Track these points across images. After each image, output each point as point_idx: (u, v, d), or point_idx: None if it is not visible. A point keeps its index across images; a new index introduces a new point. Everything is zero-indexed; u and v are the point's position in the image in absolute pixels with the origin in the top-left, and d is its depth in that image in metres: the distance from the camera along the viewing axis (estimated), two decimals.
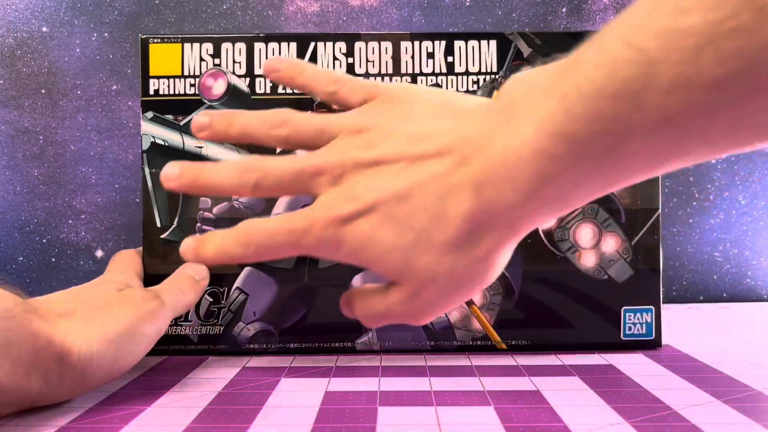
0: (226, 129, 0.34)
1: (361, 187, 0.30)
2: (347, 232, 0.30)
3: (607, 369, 0.40)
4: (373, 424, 0.30)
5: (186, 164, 0.33)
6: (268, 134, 0.33)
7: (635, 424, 0.30)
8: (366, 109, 0.33)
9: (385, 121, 0.31)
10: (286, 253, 0.32)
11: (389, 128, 0.31)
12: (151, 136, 0.45)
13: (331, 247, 0.30)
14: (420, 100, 0.32)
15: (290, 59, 0.37)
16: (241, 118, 0.34)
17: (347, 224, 0.30)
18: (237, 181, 0.32)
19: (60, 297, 0.38)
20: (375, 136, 0.31)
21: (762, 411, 0.32)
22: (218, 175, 0.32)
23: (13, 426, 0.30)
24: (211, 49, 0.45)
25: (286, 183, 0.32)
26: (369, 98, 0.33)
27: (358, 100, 0.34)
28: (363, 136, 0.31)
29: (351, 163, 0.30)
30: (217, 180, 0.32)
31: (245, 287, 0.45)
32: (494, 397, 0.34)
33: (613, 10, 0.66)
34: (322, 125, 0.32)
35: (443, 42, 0.45)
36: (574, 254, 0.44)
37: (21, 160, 0.66)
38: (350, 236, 0.30)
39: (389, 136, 0.30)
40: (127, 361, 0.34)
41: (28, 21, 0.66)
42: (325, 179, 0.31)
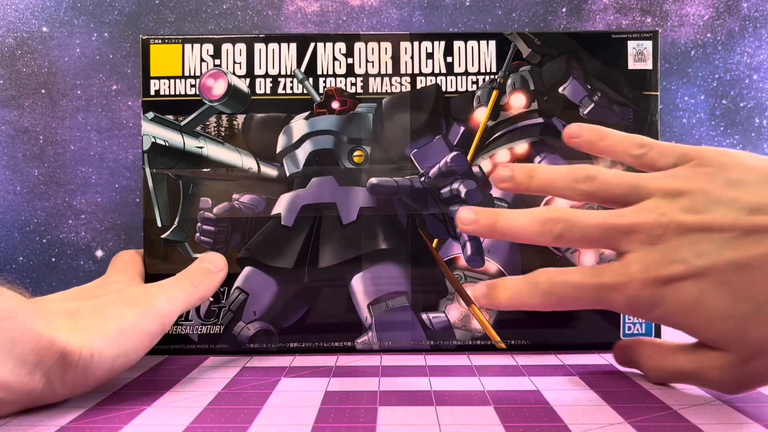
0: (528, 181, 0.34)
1: (688, 250, 0.29)
2: (668, 293, 0.29)
3: (607, 369, 0.40)
4: (373, 424, 0.30)
5: (482, 211, 0.34)
6: (572, 188, 0.33)
7: (635, 424, 0.30)
8: (683, 171, 0.32)
9: (708, 186, 0.31)
10: (586, 306, 0.32)
11: (715, 194, 0.30)
12: (152, 137, 0.45)
13: (648, 306, 0.30)
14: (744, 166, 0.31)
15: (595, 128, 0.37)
16: (542, 172, 0.34)
17: (668, 286, 0.29)
18: (539, 230, 0.32)
19: (63, 296, 0.38)
20: (699, 200, 0.30)
21: (762, 411, 0.32)
22: (519, 222, 0.33)
23: (13, 426, 0.30)
24: (211, 49, 0.45)
25: (593, 237, 0.31)
26: (680, 162, 0.33)
27: (668, 163, 0.33)
28: (685, 200, 0.30)
29: (674, 226, 0.30)
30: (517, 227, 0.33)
31: (246, 287, 0.45)
32: (494, 397, 0.34)
33: (612, 10, 0.66)
34: (635, 183, 0.32)
35: (443, 42, 0.45)
36: (573, 254, 0.44)
37: (21, 160, 0.66)
38: (672, 298, 0.29)
39: (715, 203, 0.30)
40: (129, 358, 0.34)
41: (28, 21, 0.66)
42: (638, 238, 0.30)
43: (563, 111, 0.45)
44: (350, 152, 0.45)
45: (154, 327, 0.36)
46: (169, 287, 0.38)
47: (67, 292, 0.39)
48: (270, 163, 0.45)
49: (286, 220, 0.45)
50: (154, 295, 0.36)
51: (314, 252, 0.44)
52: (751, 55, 0.66)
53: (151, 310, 0.35)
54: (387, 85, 0.45)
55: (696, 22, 0.66)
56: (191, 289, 0.39)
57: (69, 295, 0.38)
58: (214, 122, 0.45)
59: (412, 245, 0.44)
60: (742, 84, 0.66)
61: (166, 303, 0.36)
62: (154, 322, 0.35)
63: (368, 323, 0.44)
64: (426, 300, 0.45)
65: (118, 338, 0.33)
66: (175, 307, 0.37)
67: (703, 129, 0.66)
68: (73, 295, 0.38)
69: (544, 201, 0.44)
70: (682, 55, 0.66)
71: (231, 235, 0.45)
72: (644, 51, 0.45)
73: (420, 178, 0.45)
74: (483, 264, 0.44)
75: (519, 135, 0.45)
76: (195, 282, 0.39)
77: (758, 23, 0.66)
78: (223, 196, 0.45)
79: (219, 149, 0.45)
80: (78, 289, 0.39)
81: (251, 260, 0.45)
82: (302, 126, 0.45)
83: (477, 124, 0.45)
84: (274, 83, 0.45)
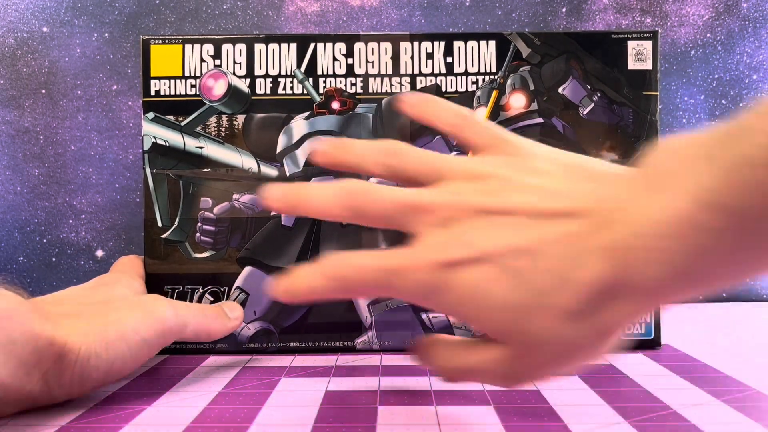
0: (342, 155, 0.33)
1: (477, 234, 0.28)
2: (452, 278, 0.27)
3: (607, 369, 0.40)
4: (373, 423, 0.30)
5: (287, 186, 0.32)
6: (380, 163, 0.32)
7: (635, 424, 0.30)
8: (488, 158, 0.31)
9: (509, 172, 0.29)
10: (376, 293, 0.29)
11: (513, 180, 0.29)
12: (152, 137, 0.45)
13: (431, 293, 0.28)
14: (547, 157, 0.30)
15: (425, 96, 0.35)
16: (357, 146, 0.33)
17: (453, 270, 0.27)
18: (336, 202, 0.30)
19: (66, 296, 0.38)
20: (496, 185, 0.29)
21: (762, 411, 0.32)
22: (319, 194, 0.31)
23: (13, 426, 0.31)
24: (211, 49, 0.45)
25: (388, 214, 0.30)
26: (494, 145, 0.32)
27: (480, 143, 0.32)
28: (482, 183, 0.29)
29: (466, 208, 0.28)
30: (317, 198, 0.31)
31: (245, 287, 0.45)
32: (494, 397, 0.34)
33: (612, 10, 0.66)
34: (436, 164, 0.31)
35: (443, 42, 0.45)
36: None
37: (21, 160, 0.66)
38: (457, 284, 0.27)
39: (512, 188, 0.29)
40: (126, 364, 0.34)
41: (28, 21, 0.66)
42: (430, 219, 0.29)
43: (563, 111, 0.45)
44: None
45: (155, 336, 0.35)
46: (180, 305, 0.38)
47: (72, 291, 0.39)
48: (270, 163, 0.45)
49: (286, 220, 0.45)
50: (161, 305, 0.36)
51: (314, 252, 0.45)
52: (751, 55, 0.66)
53: (155, 320, 0.35)
54: (387, 85, 0.45)
55: (696, 22, 0.66)
56: (201, 318, 0.39)
57: (73, 295, 0.38)
58: (215, 122, 0.45)
59: None
60: (741, 84, 0.66)
61: (172, 316, 0.36)
62: (155, 331, 0.35)
63: (368, 323, 0.44)
64: None
65: (117, 343, 0.33)
66: (180, 323, 0.37)
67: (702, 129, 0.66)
68: (77, 295, 0.38)
69: None
70: (681, 55, 0.66)
71: (231, 235, 0.45)
72: (644, 51, 0.45)
73: None
74: None
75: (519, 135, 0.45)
76: (208, 314, 0.39)
77: (758, 23, 0.66)
78: (223, 196, 0.45)
79: (219, 149, 0.45)
80: (78, 289, 0.39)
81: (251, 260, 0.45)
82: (302, 126, 0.45)
83: None
84: (275, 83, 0.45)
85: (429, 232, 0.29)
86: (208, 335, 0.39)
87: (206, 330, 0.39)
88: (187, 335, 0.38)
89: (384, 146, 0.32)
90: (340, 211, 0.30)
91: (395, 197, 0.30)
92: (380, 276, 0.29)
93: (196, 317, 0.38)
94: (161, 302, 0.37)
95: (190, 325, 0.38)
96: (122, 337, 0.33)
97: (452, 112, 0.33)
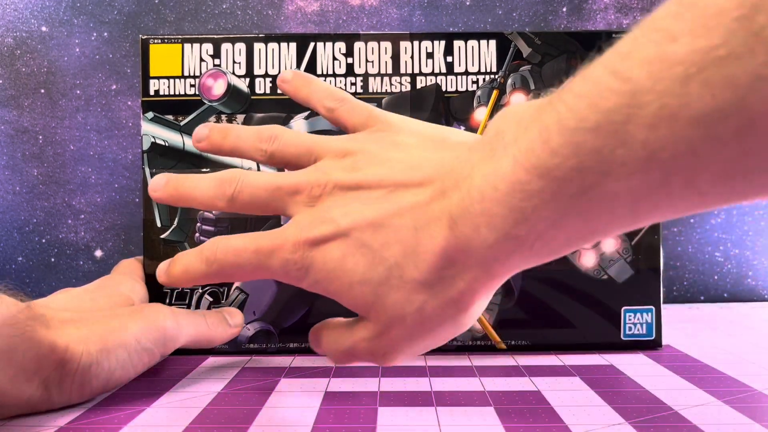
0: (221, 141, 0.33)
1: (338, 210, 0.28)
2: (316, 256, 0.28)
3: (608, 369, 0.40)
4: (373, 424, 0.30)
5: (172, 175, 0.32)
6: (255, 147, 0.32)
7: (636, 425, 0.30)
8: (359, 134, 0.32)
9: (374, 147, 0.30)
10: (251, 275, 0.30)
11: (377, 154, 0.29)
12: (152, 137, 0.45)
13: (298, 271, 0.28)
14: (412, 131, 0.31)
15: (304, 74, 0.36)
16: (234, 130, 0.33)
17: (317, 248, 0.28)
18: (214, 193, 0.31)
19: (66, 301, 0.37)
20: (361, 160, 0.29)
21: (762, 411, 0.32)
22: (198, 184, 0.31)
23: (13, 426, 0.30)
24: (211, 49, 0.45)
25: (262, 199, 0.30)
26: (367, 124, 0.32)
27: (354, 122, 0.33)
28: (349, 160, 0.30)
29: (331, 185, 0.29)
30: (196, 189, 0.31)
31: (245, 287, 0.45)
32: (494, 397, 0.34)
33: (613, 9, 0.66)
34: (310, 145, 0.31)
35: (443, 42, 0.45)
36: (574, 254, 0.44)
37: (20, 160, 0.66)
38: (319, 261, 0.28)
39: (375, 162, 0.29)
40: (126, 372, 0.34)
41: (27, 20, 0.66)
42: (301, 199, 0.29)
43: None
44: None
45: (155, 346, 0.35)
46: (181, 313, 0.38)
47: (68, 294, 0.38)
48: None
49: (285, 221, 0.45)
50: (163, 315, 0.36)
51: None
52: None
53: (156, 329, 0.35)
54: (387, 84, 0.45)
55: None
56: (203, 326, 0.38)
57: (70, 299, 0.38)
58: (214, 122, 0.45)
59: None
60: None
61: (173, 325, 0.36)
62: (156, 341, 0.35)
63: None
64: None
65: (118, 350, 0.33)
66: (181, 332, 0.37)
67: None
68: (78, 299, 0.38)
69: None
70: None
71: None
72: None
73: None
74: None
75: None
76: (209, 322, 0.39)
77: None
78: None
79: None
80: (80, 291, 0.39)
81: None
82: (302, 126, 0.45)
83: (477, 124, 0.45)
84: (274, 83, 0.45)
85: (300, 211, 0.29)
86: (209, 342, 0.39)
87: (207, 338, 0.39)
88: (187, 343, 0.38)
89: (261, 131, 0.32)
90: (219, 202, 0.31)
91: (267, 182, 0.30)
92: (254, 258, 0.29)
93: (197, 326, 0.38)
94: (163, 311, 0.37)
95: (191, 334, 0.38)
96: (123, 345, 0.33)
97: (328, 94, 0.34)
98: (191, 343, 0.38)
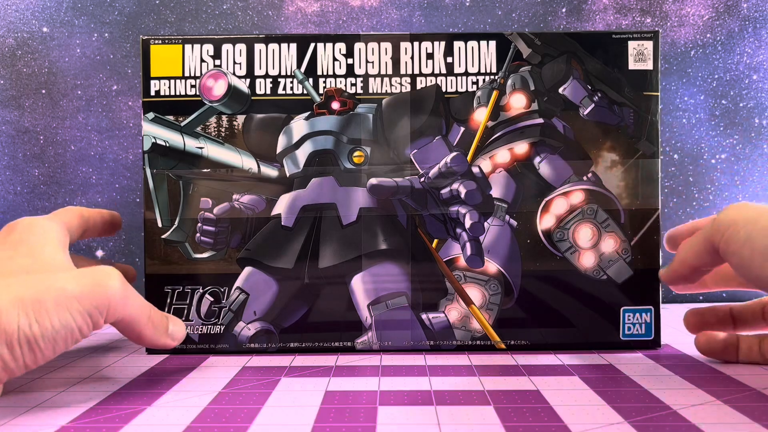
0: None
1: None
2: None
3: (607, 369, 0.40)
4: (373, 423, 0.30)
5: None
6: None
7: (635, 424, 0.30)
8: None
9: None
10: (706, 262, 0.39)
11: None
12: (152, 137, 0.45)
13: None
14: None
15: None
16: None
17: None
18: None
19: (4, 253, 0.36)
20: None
21: (762, 411, 0.32)
22: None
23: (13, 426, 0.31)
24: (211, 50, 0.45)
25: None
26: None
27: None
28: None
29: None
30: None
31: (246, 287, 0.45)
32: (494, 397, 0.34)
33: (612, 10, 0.66)
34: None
35: (443, 42, 0.45)
36: (574, 254, 0.44)
37: (21, 160, 0.66)
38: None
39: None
40: (73, 334, 0.33)
41: (28, 21, 0.66)
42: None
43: (563, 111, 0.45)
44: (350, 153, 0.45)
45: (98, 308, 0.33)
46: (131, 288, 0.36)
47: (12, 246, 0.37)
48: (270, 164, 0.45)
49: (286, 221, 0.45)
50: (112, 280, 0.34)
51: (314, 252, 0.45)
52: (751, 55, 0.66)
53: (101, 292, 0.33)
54: (387, 85, 0.45)
55: (696, 22, 0.66)
56: (144, 316, 0.37)
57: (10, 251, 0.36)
58: (215, 123, 0.45)
59: (412, 245, 0.44)
60: (741, 84, 0.66)
61: (119, 292, 0.34)
62: (99, 305, 0.33)
63: (368, 323, 0.44)
64: (426, 300, 0.45)
65: (58, 311, 0.32)
66: (126, 304, 0.35)
67: (702, 129, 0.66)
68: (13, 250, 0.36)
69: (542, 203, 0.44)
70: (681, 55, 0.66)
71: (231, 235, 0.45)
72: (645, 51, 0.45)
73: (420, 178, 0.45)
74: (483, 264, 0.44)
75: (519, 135, 0.45)
76: (151, 317, 0.37)
77: (758, 23, 0.66)
78: (223, 196, 0.45)
79: (219, 150, 0.45)
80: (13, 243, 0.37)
81: (251, 260, 0.45)
82: (302, 126, 0.45)
83: (477, 125, 0.45)
84: (274, 83, 0.45)
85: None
86: (138, 337, 0.37)
87: (140, 331, 0.37)
88: (121, 324, 0.36)
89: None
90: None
91: None
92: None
93: (141, 311, 0.36)
94: (113, 276, 0.34)
95: (132, 315, 0.35)
96: (61, 304, 0.32)
97: None
98: (124, 326, 0.36)
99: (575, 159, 0.44)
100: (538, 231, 0.45)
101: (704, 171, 0.67)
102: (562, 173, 0.45)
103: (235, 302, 0.45)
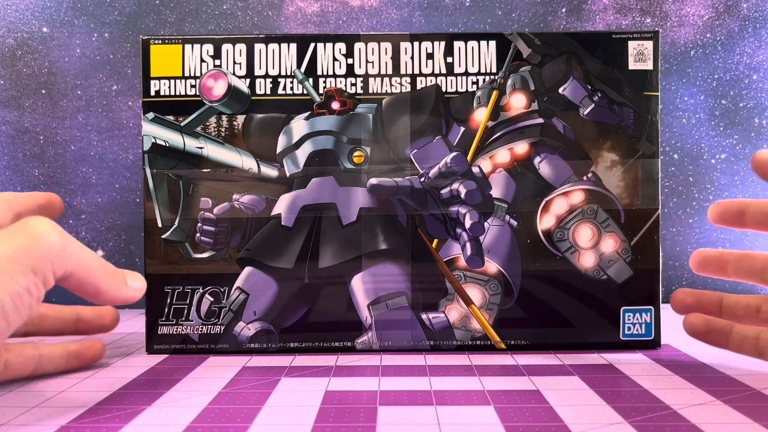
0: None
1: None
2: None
3: (607, 369, 0.40)
4: (373, 423, 0.30)
5: None
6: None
7: (635, 424, 0.30)
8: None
9: None
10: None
11: None
12: (152, 137, 0.45)
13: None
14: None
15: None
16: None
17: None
18: None
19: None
20: None
21: (762, 411, 0.32)
22: None
23: (13, 426, 0.31)
24: (211, 50, 0.45)
25: None
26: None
27: None
28: None
29: None
30: None
31: (246, 287, 0.45)
32: (494, 397, 0.34)
33: (612, 10, 0.66)
34: None
35: (443, 42, 0.45)
36: (574, 254, 0.44)
37: (21, 160, 0.66)
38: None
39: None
40: (22, 300, 0.29)
41: (28, 21, 0.66)
42: None
43: (563, 111, 0.45)
44: (350, 153, 0.45)
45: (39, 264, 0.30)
46: (71, 237, 0.32)
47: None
48: (270, 164, 0.45)
49: (286, 221, 0.45)
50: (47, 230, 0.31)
51: (314, 252, 0.45)
52: (751, 55, 0.66)
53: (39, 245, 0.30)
54: (387, 85, 0.45)
55: (696, 22, 0.66)
56: (95, 265, 0.33)
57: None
58: (214, 123, 0.45)
59: (412, 245, 0.44)
60: (741, 84, 0.66)
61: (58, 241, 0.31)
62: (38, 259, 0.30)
63: (368, 323, 0.44)
64: (426, 300, 0.45)
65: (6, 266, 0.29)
66: (68, 254, 0.31)
67: (702, 129, 0.66)
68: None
69: (542, 203, 0.44)
70: (681, 55, 0.66)
71: (231, 235, 0.45)
72: (645, 51, 0.45)
73: (420, 178, 0.45)
74: (483, 264, 0.44)
75: (519, 135, 0.45)
76: (104, 268, 0.34)
77: (758, 23, 0.66)
78: (223, 196, 0.45)
79: (219, 149, 0.45)
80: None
81: (251, 260, 0.45)
82: (302, 126, 0.45)
83: (477, 125, 0.45)
84: (274, 83, 0.45)
85: None
86: (96, 291, 0.33)
87: (94, 282, 0.33)
88: (73, 279, 0.32)
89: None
90: None
91: None
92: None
93: (89, 261, 0.32)
94: (46, 224, 0.31)
95: (81, 265, 0.32)
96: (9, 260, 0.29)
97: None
98: (77, 281, 0.32)
99: (575, 159, 0.45)
100: (538, 231, 0.45)
101: (704, 171, 0.67)
102: (562, 173, 0.45)
103: (235, 302, 0.45)
